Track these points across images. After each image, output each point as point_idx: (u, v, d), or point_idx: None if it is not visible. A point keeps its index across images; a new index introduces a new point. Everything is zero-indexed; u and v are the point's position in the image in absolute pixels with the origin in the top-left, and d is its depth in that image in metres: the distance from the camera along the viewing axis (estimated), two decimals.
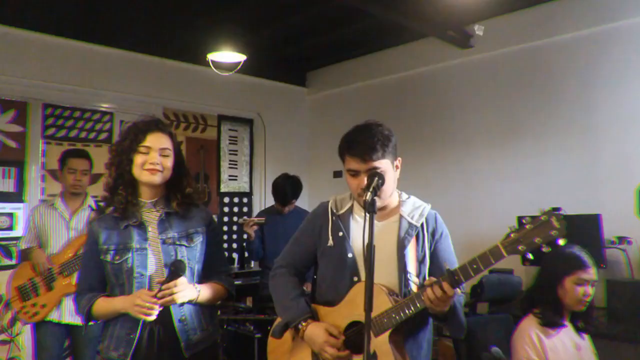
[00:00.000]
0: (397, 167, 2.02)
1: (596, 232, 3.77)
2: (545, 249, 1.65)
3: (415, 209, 2.05)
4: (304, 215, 4.48)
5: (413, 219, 2.01)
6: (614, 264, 3.86)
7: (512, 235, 1.68)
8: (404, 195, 2.11)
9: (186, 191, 2.19)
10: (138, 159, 2.06)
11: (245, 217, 4.58)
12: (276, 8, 4.67)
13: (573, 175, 4.22)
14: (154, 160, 2.06)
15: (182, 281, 1.99)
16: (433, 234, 2.03)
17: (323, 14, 4.77)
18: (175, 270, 1.97)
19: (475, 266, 1.72)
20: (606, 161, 4.10)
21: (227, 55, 4.88)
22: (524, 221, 1.68)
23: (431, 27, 4.75)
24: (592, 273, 2.41)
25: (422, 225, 2.02)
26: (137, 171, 2.08)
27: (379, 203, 1.90)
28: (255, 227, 4.29)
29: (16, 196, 4.32)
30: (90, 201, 3.60)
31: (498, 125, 4.77)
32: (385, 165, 1.93)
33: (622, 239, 3.82)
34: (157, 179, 2.09)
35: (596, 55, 4.20)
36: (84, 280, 2.18)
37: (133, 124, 2.15)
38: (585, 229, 3.74)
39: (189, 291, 2.03)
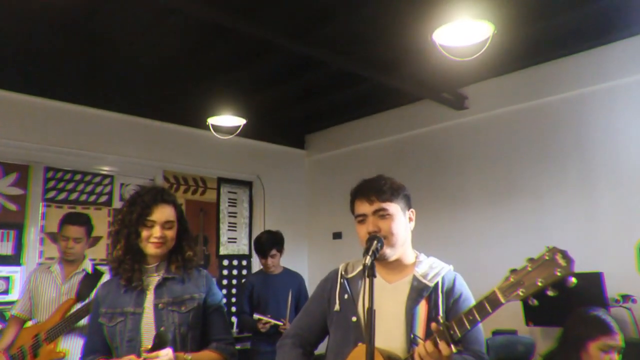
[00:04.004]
0: (410, 218, 2.00)
1: (599, 290, 3.72)
2: (551, 292, 1.43)
3: (431, 269, 1.95)
4: (294, 276, 4.49)
5: (426, 279, 1.91)
6: (619, 323, 3.76)
7: (510, 278, 1.50)
8: (423, 256, 2.04)
9: (186, 255, 2.23)
10: (144, 232, 2.13)
11: (259, 316, 4.22)
12: (274, 73, 4.81)
13: (572, 232, 4.21)
14: (157, 234, 2.13)
15: (166, 352, 1.97)
16: (449, 295, 1.90)
17: (321, 78, 4.90)
18: (158, 342, 1.97)
19: (471, 317, 1.55)
20: (605, 217, 4.10)
21: (227, 119, 4.96)
22: (525, 262, 1.49)
23: (426, 90, 4.88)
24: (618, 339, 2.31)
25: (436, 284, 1.91)
26: (143, 243, 2.15)
27: (389, 252, 1.88)
28: (268, 326, 4.20)
29: (14, 259, 4.29)
30: (86, 264, 3.53)
31: (496, 183, 4.81)
32: (394, 209, 1.92)
33: (626, 297, 3.77)
34: (161, 251, 2.17)
35: (590, 114, 4.28)
36: (89, 343, 2.22)
37: (137, 194, 2.20)
38: (587, 287, 3.70)
39: None
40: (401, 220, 1.94)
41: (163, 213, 2.15)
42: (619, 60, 4.16)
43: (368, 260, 1.69)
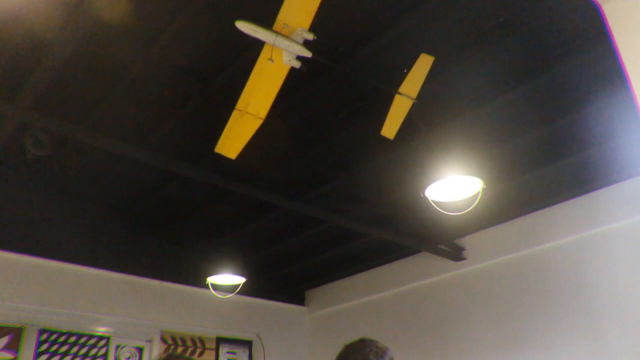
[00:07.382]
0: None
1: None
2: None
3: None
4: None
5: None
6: None
7: None
8: None
9: None
10: None
11: None
12: (273, 231, 4.92)
13: None
14: None
15: None
16: None
17: (319, 235, 5.00)
18: None
19: None
20: None
21: (227, 278, 4.96)
22: None
23: (423, 243, 4.94)
24: None
25: None
26: None
27: None
28: None
29: None
30: None
31: (500, 333, 4.67)
32: None
33: None
34: None
35: (590, 258, 4.28)
36: None
37: None
38: None
39: None
40: None
41: None
42: (614, 203, 4.22)
43: None
